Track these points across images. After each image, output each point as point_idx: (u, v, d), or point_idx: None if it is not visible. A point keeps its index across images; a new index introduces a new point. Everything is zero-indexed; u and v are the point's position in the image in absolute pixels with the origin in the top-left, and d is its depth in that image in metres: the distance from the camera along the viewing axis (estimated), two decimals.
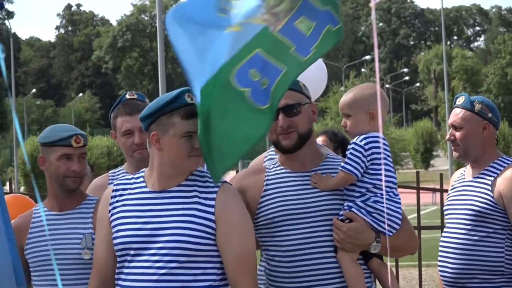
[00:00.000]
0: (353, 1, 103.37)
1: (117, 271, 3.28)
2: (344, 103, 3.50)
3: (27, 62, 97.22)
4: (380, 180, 3.33)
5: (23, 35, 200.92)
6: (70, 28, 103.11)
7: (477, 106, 4.22)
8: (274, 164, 3.58)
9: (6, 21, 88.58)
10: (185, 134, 3.16)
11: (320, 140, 5.61)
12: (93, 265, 3.41)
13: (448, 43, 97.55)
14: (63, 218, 3.89)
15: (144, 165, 3.49)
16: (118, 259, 3.28)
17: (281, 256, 3.44)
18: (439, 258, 4.30)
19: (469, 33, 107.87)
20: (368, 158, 3.34)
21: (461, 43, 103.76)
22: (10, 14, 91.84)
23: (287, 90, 3.28)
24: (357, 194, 3.36)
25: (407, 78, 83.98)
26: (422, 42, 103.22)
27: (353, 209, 3.33)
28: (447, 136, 4.33)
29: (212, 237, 3.16)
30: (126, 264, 3.23)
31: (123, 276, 3.23)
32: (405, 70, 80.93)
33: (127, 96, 4.30)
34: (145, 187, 3.29)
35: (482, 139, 4.24)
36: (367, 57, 69.43)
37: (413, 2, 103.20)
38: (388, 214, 3.33)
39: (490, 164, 4.23)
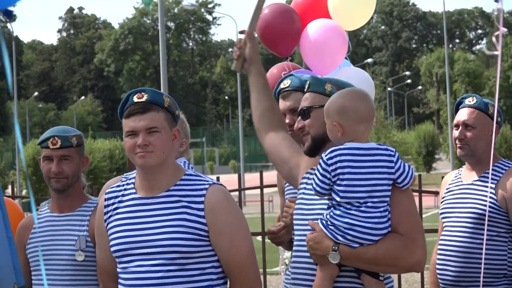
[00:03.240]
0: None
1: (118, 275, 3.33)
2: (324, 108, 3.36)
3: (29, 65, 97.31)
4: (345, 197, 3.20)
5: (25, 38, 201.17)
6: (72, 31, 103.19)
7: (491, 109, 4.23)
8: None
9: (8, 24, 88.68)
10: (128, 132, 3.22)
11: None
12: (98, 272, 3.50)
13: (450, 46, 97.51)
14: (62, 219, 3.98)
15: None
16: (117, 265, 3.32)
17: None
18: (438, 262, 4.29)
19: (471, 36, 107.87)
20: (333, 174, 3.20)
21: (463, 46, 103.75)
22: (12, 17, 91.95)
23: (310, 93, 3.38)
24: (325, 207, 3.28)
25: (409, 81, 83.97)
26: (424, 45, 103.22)
27: (318, 220, 3.26)
28: (457, 135, 4.27)
29: (206, 239, 3.19)
30: (123, 269, 3.27)
31: (122, 281, 3.27)
32: (407, 73, 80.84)
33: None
34: (135, 193, 3.32)
35: (489, 141, 4.25)
36: (369, 60, 69.40)
37: (415, 5, 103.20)
38: (347, 228, 3.18)
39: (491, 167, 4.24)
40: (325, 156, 3.23)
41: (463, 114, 4.28)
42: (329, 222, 3.21)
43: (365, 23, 5.33)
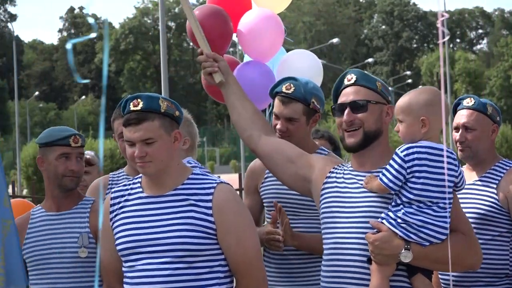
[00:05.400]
0: (356, 4, 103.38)
1: (124, 274, 3.34)
2: (397, 107, 3.32)
3: (30, 65, 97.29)
4: (419, 195, 3.18)
5: (26, 38, 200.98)
6: (73, 31, 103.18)
7: (489, 109, 4.22)
8: (347, 161, 3.53)
9: (9, 24, 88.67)
10: (126, 142, 3.27)
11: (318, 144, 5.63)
12: (102, 273, 3.50)
13: (451, 45, 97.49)
14: (61, 218, 3.99)
15: None
16: (123, 264, 3.33)
17: (324, 254, 3.43)
18: None
19: (472, 35, 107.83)
20: (408, 171, 3.17)
21: (464, 46, 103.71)
22: (13, 17, 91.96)
23: (360, 87, 3.34)
24: (393, 204, 3.23)
25: (410, 80, 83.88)
26: (425, 44, 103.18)
27: (384, 220, 3.21)
28: (457, 137, 4.26)
29: (214, 237, 3.22)
30: (130, 268, 3.27)
31: (128, 280, 3.27)
32: (408, 72, 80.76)
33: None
34: (142, 192, 3.33)
35: (490, 141, 4.25)
36: (370, 59, 69.39)
37: (415, 5, 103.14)
38: (421, 226, 3.17)
39: (492, 167, 4.24)
40: (402, 152, 3.19)
41: (462, 116, 4.27)
42: (399, 220, 3.17)
43: (288, 5, 5.34)
